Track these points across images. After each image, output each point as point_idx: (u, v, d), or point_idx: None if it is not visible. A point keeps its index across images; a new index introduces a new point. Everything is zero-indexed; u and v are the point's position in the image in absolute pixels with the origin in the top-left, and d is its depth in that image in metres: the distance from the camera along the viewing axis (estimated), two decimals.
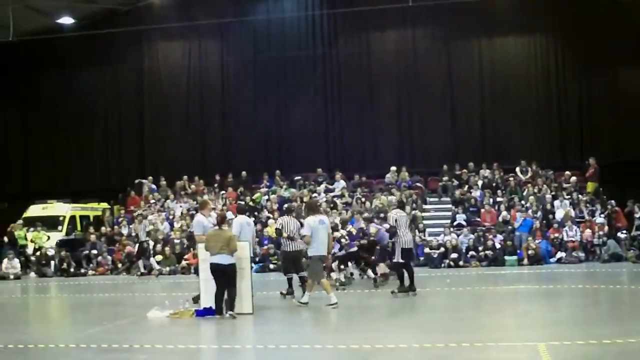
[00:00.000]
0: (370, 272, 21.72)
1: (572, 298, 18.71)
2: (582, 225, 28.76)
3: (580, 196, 30.94)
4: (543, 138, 35.96)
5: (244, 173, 35.65)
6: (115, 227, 33.16)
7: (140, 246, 29.45)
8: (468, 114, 36.99)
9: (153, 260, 28.74)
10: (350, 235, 22.05)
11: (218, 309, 15.13)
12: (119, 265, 30.20)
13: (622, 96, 35.51)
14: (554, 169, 33.61)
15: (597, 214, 29.61)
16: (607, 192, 31.31)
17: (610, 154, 34.33)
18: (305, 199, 33.04)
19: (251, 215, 31.92)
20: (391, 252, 20.25)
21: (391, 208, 20.41)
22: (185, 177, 36.28)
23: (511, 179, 32.90)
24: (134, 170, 38.73)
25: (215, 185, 35.56)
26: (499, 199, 31.65)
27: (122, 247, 30.91)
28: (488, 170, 33.76)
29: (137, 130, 40.77)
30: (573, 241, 27.95)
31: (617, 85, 35.72)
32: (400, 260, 18.54)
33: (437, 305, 18.34)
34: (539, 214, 29.85)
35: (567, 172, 32.81)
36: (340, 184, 34.09)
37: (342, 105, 38.29)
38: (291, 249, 18.85)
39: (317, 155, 37.13)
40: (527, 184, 32.39)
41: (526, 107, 36.41)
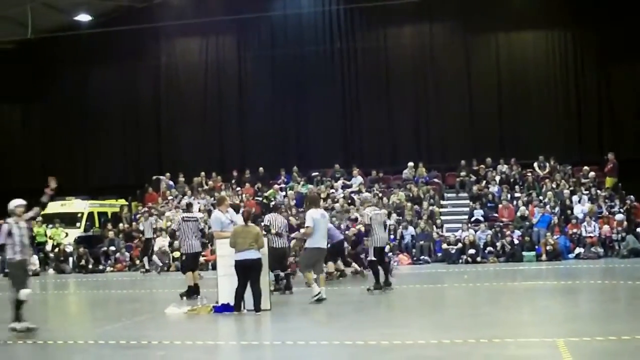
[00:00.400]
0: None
1: (590, 294, 18.62)
2: (600, 220, 28.56)
3: (599, 191, 30.73)
4: (561, 133, 35.74)
5: (261, 169, 35.67)
6: (133, 223, 33.21)
7: (146, 243, 29.40)
8: (485, 109, 36.77)
9: (156, 257, 28.74)
10: None
11: (237, 305, 15.11)
12: (137, 261, 30.26)
13: None
14: (572, 164, 33.45)
15: (616, 210, 29.44)
16: (626, 188, 31.07)
17: (629, 149, 34.06)
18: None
19: (266, 212, 32.08)
20: (366, 251, 20.40)
21: (366, 205, 20.30)
22: (203, 173, 36.33)
23: (529, 174, 32.73)
24: (152, 166, 38.81)
25: (233, 181, 35.59)
26: (516, 195, 31.53)
27: (140, 243, 30.97)
28: (506, 166, 33.60)
29: (155, 127, 40.88)
30: (592, 237, 27.81)
31: (636, 80, 35.42)
32: (374, 258, 18.47)
33: (455, 301, 18.34)
34: (557, 209, 29.71)
35: (586, 167, 32.53)
36: (357, 180, 34.05)
37: (359, 101, 38.23)
38: (278, 246, 18.65)
39: (334, 151, 37.10)
40: (545, 180, 32.18)
41: (544, 101, 36.22)
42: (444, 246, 28.34)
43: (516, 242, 27.94)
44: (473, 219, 30.41)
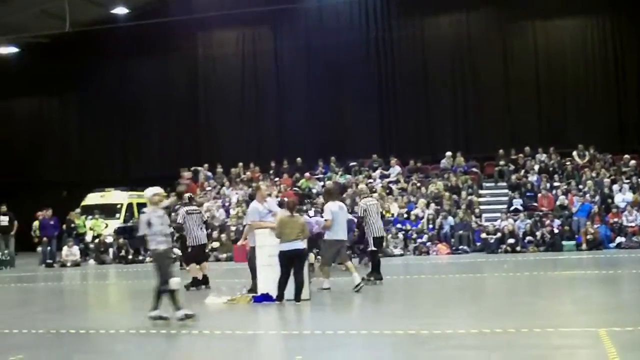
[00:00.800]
0: None
1: (632, 283, 18.48)
2: None
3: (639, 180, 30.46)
4: (601, 121, 35.26)
5: (299, 159, 35.71)
6: (172, 214, 33.34)
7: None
8: (524, 97, 36.42)
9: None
10: None
11: (281, 295, 15.06)
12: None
13: None
14: (613, 153, 33.06)
15: None
16: None
17: None
18: (360, 185, 33.06)
19: (302, 203, 32.09)
20: (365, 242, 20.52)
21: (362, 197, 20.37)
22: (241, 164, 36.44)
23: (568, 163, 32.43)
24: (190, 157, 38.93)
25: (271, 172, 35.65)
26: (556, 184, 31.28)
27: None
28: (545, 155, 33.34)
29: (193, 118, 41.03)
30: (633, 226, 27.57)
31: None
32: (374, 248, 18.50)
33: (495, 290, 18.28)
34: (597, 198, 29.44)
35: (626, 155, 32.19)
36: (395, 170, 34.01)
37: (396, 90, 38.09)
38: None
39: (372, 141, 37.01)
40: (585, 168, 31.89)
41: (583, 89, 35.87)
42: (483, 236, 28.24)
43: (556, 231, 27.76)
44: (512, 208, 30.25)
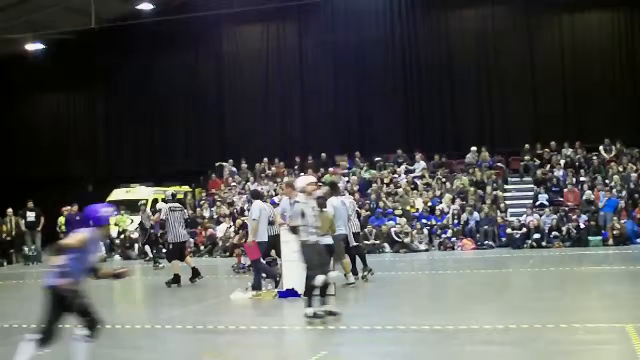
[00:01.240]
0: None
1: None
2: None
3: None
4: (627, 115, 34.84)
5: (323, 155, 35.70)
6: (197, 209, 33.50)
7: (149, 235, 28.91)
8: (549, 92, 36.19)
9: (147, 248, 29.01)
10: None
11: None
12: (202, 247, 30.51)
13: None
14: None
15: None
16: None
17: None
18: (385, 180, 33.07)
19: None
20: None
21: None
22: (266, 159, 36.50)
23: (595, 157, 32.21)
24: (215, 153, 39.04)
25: (296, 167, 35.67)
26: (582, 179, 31.08)
27: (204, 229, 31.21)
28: (570, 149, 33.10)
29: (218, 113, 41.11)
30: None
31: None
32: (355, 244, 18.48)
33: (520, 285, 18.22)
34: (624, 193, 29.22)
35: None
36: (420, 165, 33.92)
37: (421, 85, 37.96)
38: (271, 233, 18.31)
39: (396, 136, 36.90)
40: (611, 163, 31.65)
41: (609, 83, 35.49)
42: (508, 231, 28.08)
43: (582, 226, 27.57)
44: (537, 203, 30.06)
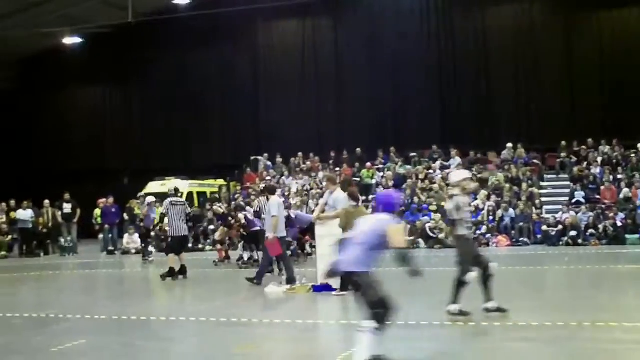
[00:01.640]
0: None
1: None
2: None
3: None
4: None
5: (358, 150, 35.64)
6: (232, 203, 33.55)
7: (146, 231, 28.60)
8: (587, 89, 35.85)
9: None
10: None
11: (345, 285, 14.99)
12: (236, 241, 30.53)
13: None
14: None
15: None
16: None
17: None
18: (420, 176, 32.95)
19: (362, 193, 32.03)
20: None
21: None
22: (300, 154, 36.53)
23: (632, 155, 31.88)
24: (250, 147, 39.12)
25: (331, 161, 35.66)
26: (619, 176, 30.80)
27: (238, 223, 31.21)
28: (608, 147, 32.82)
29: (253, 107, 41.22)
30: None
31: None
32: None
33: (556, 283, 18.10)
34: None
35: None
36: (455, 161, 33.75)
37: (457, 81, 37.80)
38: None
39: (432, 131, 36.72)
40: None
41: None
42: (544, 228, 27.90)
43: (619, 224, 27.32)
44: (574, 200, 29.86)
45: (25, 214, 31.48)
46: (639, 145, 32.30)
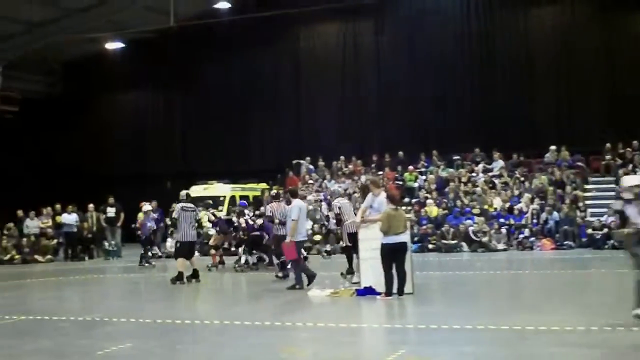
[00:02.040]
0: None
1: None
2: None
3: None
4: None
5: (400, 153, 35.55)
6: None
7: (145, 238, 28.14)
8: (631, 90, 35.26)
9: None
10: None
11: (390, 290, 14.94)
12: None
13: None
14: None
15: None
16: None
17: None
18: (463, 179, 32.81)
19: (406, 196, 32.02)
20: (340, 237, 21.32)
21: (334, 198, 23.27)
22: (342, 157, 36.53)
23: None
24: (292, 150, 39.15)
25: (373, 165, 35.62)
26: None
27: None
28: None
29: (295, 111, 41.28)
30: None
31: None
32: (349, 244, 19.05)
33: (602, 287, 17.89)
34: None
35: None
36: (498, 164, 33.57)
37: (499, 83, 37.44)
38: (283, 233, 19.47)
39: (474, 134, 36.42)
40: None
41: None
42: (589, 231, 27.66)
43: None
44: None
45: (70, 218, 31.86)
46: None
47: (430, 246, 28.90)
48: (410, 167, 34.36)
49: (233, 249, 25.94)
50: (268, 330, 12.44)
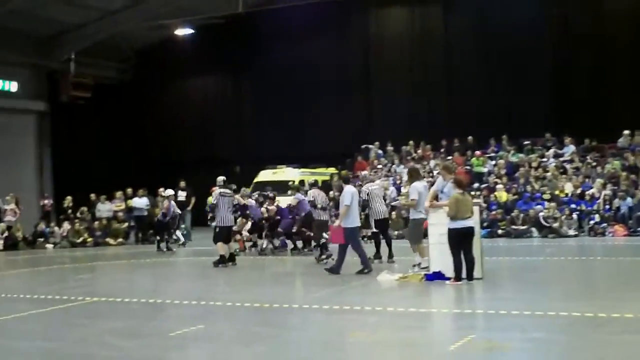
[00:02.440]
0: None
1: None
2: None
3: None
4: None
5: (470, 137, 35.29)
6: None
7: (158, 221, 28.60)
8: None
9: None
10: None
11: (459, 275, 14.90)
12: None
13: None
14: None
15: None
16: None
17: None
18: (533, 164, 32.43)
19: (475, 181, 31.81)
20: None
21: (364, 182, 24.15)
22: (411, 142, 36.41)
23: None
24: (361, 135, 39.10)
25: (442, 150, 35.43)
26: None
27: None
28: None
29: (364, 96, 41.25)
30: None
31: None
32: (375, 230, 20.44)
33: None
34: None
35: None
36: (569, 149, 33.11)
37: (571, 68, 36.84)
38: (323, 219, 21.69)
39: (545, 119, 35.96)
40: None
41: None
42: None
43: None
44: None
45: (140, 202, 32.31)
46: None
47: (499, 231, 28.69)
48: (477, 152, 34.06)
49: (246, 234, 25.98)
50: (337, 314, 12.48)
